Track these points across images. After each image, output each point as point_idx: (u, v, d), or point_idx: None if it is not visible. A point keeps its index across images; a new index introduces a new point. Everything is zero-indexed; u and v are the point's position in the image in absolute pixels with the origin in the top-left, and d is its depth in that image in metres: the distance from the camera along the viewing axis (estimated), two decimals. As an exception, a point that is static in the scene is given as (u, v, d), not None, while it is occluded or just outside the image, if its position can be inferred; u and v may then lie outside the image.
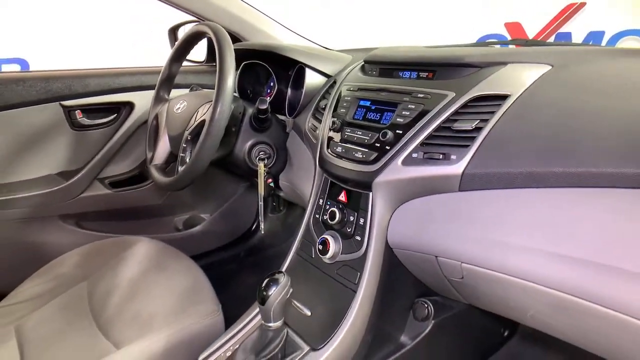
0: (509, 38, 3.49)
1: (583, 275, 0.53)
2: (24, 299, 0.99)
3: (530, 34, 3.03)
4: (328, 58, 1.04)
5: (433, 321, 0.81)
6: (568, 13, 2.95)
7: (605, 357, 0.59)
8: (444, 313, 0.83)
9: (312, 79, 0.99)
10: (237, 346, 0.75)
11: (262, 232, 1.23)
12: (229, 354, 0.76)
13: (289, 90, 1.07)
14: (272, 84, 1.15)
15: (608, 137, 0.54)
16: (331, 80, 0.97)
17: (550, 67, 0.67)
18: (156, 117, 1.05)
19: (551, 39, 2.88)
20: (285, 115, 1.05)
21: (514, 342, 1.06)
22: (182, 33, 1.28)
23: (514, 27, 3.47)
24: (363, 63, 0.91)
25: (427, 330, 0.81)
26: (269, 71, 1.13)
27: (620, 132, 0.53)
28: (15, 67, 3.18)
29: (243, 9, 1.27)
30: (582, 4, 2.95)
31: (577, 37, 2.81)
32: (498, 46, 0.92)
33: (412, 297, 0.83)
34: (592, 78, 0.64)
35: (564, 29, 2.94)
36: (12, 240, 1.16)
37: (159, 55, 1.26)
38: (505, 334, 1.01)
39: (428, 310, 0.81)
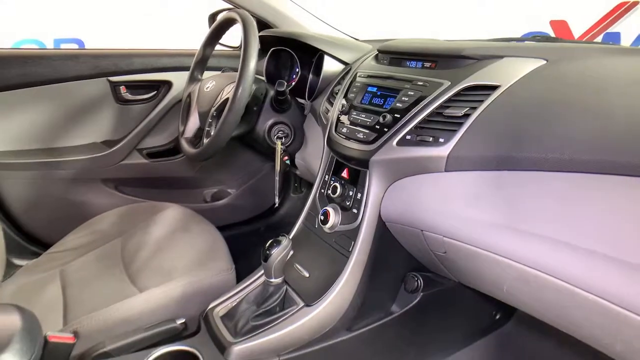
0: (554, 36, 3.40)
1: (541, 250, 0.58)
2: (67, 248, 1.14)
3: (577, 32, 2.96)
4: (347, 47, 1.11)
5: (422, 293, 0.88)
6: (619, 12, 2.85)
7: (566, 330, 0.65)
8: (433, 287, 0.90)
9: (330, 66, 1.07)
10: (242, 298, 0.86)
11: (277, 205, 1.33)
12: (234, 304, 0.86)
13: (310, 76, 1.15)
14: (296, 69, 1.23)
15: (578, 127, 0.58)
16: (347, 68, 1.05)
17: (544, 62, 0.72)
18: (189, 95, 1.16)
19: (598, 39, 2.80)
20: (305, 99, 1.14)
21: (508, 327, 1.11)
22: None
23: (560, 25, 3.38)
24: (377, 52, 0.98)
25: (415, 302, 0.88)
26: (294, 57, 1.21)
27: (589, 123, 0.58)
28: (73, 47, 3.43)
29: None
30: (635, 3, 2.84)
31: (627, 38, 2.72)
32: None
33: (404, 271, 0.90)
34: (579, 73, 0.69)
35: (612, 28, 2.84)
36: (60, 198, 1.31)
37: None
38: (497, 316, 1.06)
39: (418, 283, 0.88)
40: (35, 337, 0.62)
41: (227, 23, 1.08)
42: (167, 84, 1.36)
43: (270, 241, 0.81)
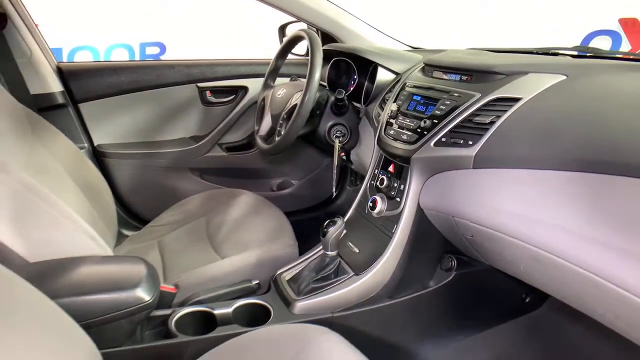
0: (623, 34, 3.31)
1: (551, 235, 0.72)
2: (163, 224, 1.40)
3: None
4: (399, 58, 1.27)
5: (455, 272, 1.03)
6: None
7: (569, 303, 0.78)
8: (466, 268, 1.04)
9: (383, 75, 1.24)
10: (304, 266, 1.06)
11: (334, 195, 1.51)
12: (297, 271, 1.06)
13: (366, 83, 1.32)
14: (354, 77, 1.40)
15: (584, 132, 0.71)
16: (398, 77, 1.21)
17: (565, 77, 0.84)
18: (263, 99, 1.38)
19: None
20: (360, 103, 1.31)
21: (540, 312, 1.22)
22: (288, 30, 1.60)
23: (629, 23, 3.28)
24: (423, 65, 1.13)
25: (449, 279, 1.03)
26: (353, 67, 1.39)
27: (592, 129, 0.71)
28: (155, 49, 3.83)
29: (337, 13, 1.52)
30: None
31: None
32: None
33: (440, 252, 1.05)
34: (594, 88, 0.80)
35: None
36: (157, 182, 1.59)
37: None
38: (527, 300, 1.17)
39: (452, 263, 1.04)
40: (156, 281, 0.86)
41: (296, 39, 1.28)
42: (244, 89, 1.59)
43: (327, 221, 1.00)
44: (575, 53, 1.10)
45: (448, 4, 3.24)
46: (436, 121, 0.93)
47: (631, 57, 1.04)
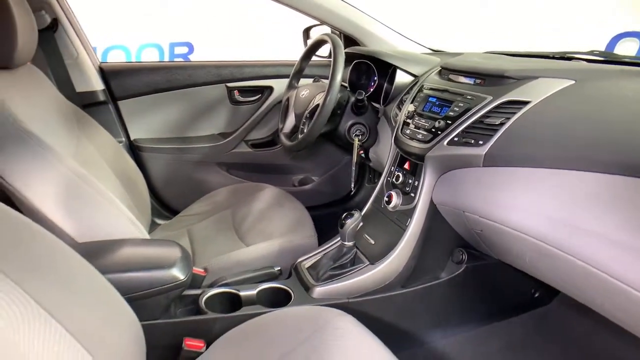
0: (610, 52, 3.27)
1: (552, 228, 0.78)
2: (192, 214, 1.51)
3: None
4: (417, 61, 1.33)
5: (465, 265, 1.09)
6: None
7: (568, 293, 0.83)
8: (476, 262, 1.10)
9: (401, 78, 1.30)
10: (323, 255, 1.14)
11: (353, 192, 1.59)
12: (317, 259, 1.14)
13: (386, 85, 1.39)
14: (374, 78, 1.47)
15: (587, 133, 0.76)
16: (416, 80, 1.27)
17: (573, 82, 0.89)
18: (288, 99, 1.46)
19: None
20: (380, 104, 1.38)
21: (550, 307, 1.27)
22: (313, 33, 1.68)
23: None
24: (440, 68, 1.19)
25: (459, 271, 1.09)
26: (373, 69, 1.46)
27: (595, 131, 0.76)
28: (184, 49, 3.97)
29: (359, 17, 1.59)
30: None
31: None
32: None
33: (452, 246, 1.11)
34: (600, 93, 0.85)
35: None
36: (187, 175, 1.70)
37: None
38: (537, 295, 1.22)
39: (463, 256, 1.10)
40: (189, 263, 0.95)
41: (319, 43, 1.36)
42: (269, 89, 1.68)
43: (345, 213, 1.07)
44: (591, 57, 1.15)
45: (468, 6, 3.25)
46: (450, 122, 0.99)
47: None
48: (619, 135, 0.73)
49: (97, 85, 1.53)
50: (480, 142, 0.91)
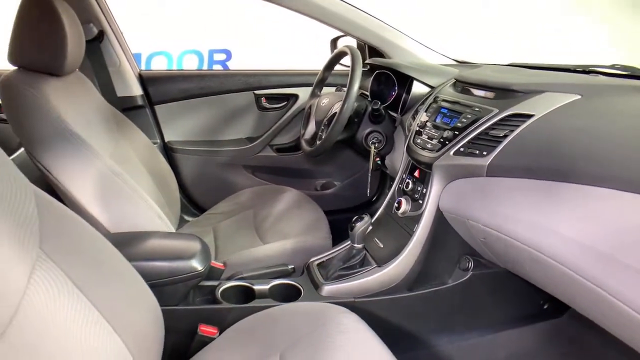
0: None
1: (545, 238, 0.80)
2: (218, 212, 1.60)
3: None
4: (434, 73, 1.37)
5: (472, 272, 1.12)
6: None
7: (560, 298, 0.85)
8: (483, 270, 1.13)
9: (418, 88, 1.35)
10: (334, 256, 1.20)
11: (372, 197, 1.64)
12: (327, 259, 1.20)
13: (404, 95, 1.43)
14: (395, 88, 1.52)
15: (584, 147, 0.79)
16: (432, 91, 1.32)
17: (579, 97, 0.92)
18: (310, 107, 1.54)
19: None
20: (397, 113, 1.43)
21: (561, 321, 1.27)
22: (340, 42, 1.75)
23: None
24: (454, 80, 1.23)
25: (465, 278, 1.13)
26: (393, 79, 1.51)
27: (592, 145, 0.78)
28: (222, 56, 4.14)
29: (383, 28, 1.64)
30: None
31: None
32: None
33: (459, 253, 1.14)
34: (603, 108, 0.87)
35: None
36: (215, 176, 1.80)
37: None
38: (546, 307, 1.22)
39: (469, 263, 1.13)
40: (208, 256, 1.03)
41: (341, 54, 1.43)
42: (295, 97, 1.77)
43: (355, 217, 1.13)
44: (611, 71, 1.16)
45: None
46: (457, 132, 1.03)
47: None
48: (615, 149, 0.75)
49: (136, 90, 1.66)
50: (484, 153, 0.94)
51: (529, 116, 0.92)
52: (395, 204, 1.16)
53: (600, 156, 0.76)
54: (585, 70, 1.18)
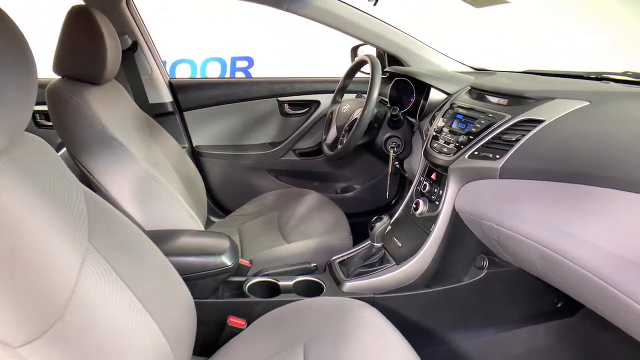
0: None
1: (554, 237, 0.85)
2: (243, 214, 1.68)
3: None
4: (451, 80, 1.43)
5: (487, 270, 1.17)
6: None
7: (571, 295, 0.89)
8: (498, 268, 1.17)
9: (435, 95, 1.41)
10: (354, 254, 1.26)
11: (391, 200, 1.69)
12: (348, 257, 1.26)
13: (422, 101, 1.49)
14: (413, 95, 1.58)
15: (591, 151, 0.83)
16: (448, 97, 1.37)
17: (588, 103, 0.96)
18: (331, 113, 1.61)
19: None
20: (415, 119, 1.49)
21: (574, 319, 1.30)
22: (360, 51, 1.81)
23: None
24: (470, 87, 1.28)
25: (481, 276, 1.17)
26: (411, 86, 1.57)
27: (598, 149, 0.83)
28: (244, 63, 4.25)
29: (402, 37, 1.70)
30: None
31: None
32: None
33: (474, 252, 1.19)
34: (611, 114, 0.92)
35: None
36: (241, 179, 1.89)
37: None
38: (559, 305, 1.26)
39: (484, 262, 1.17)
40: (236, 252, 1.11)
41: (361, 63, 1.50)
42: (316, 103, 1.84)
43: (375, 217, 1.19)
44: (623, 78, 1.19)
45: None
46: (472, 137, 1.08)
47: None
48: (619, 153, 0.79)
49: (167, 97, 1.76)
50: (497, 156, 0.99)
51: (540, 121, 0.97)
52: (413, 205, 1.22)
53: (605, 159, 0.80)
54: (598, 77, 1.22)
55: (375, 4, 1.31)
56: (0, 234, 0.55)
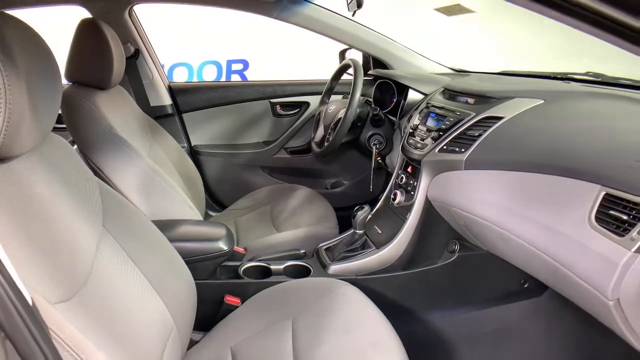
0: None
1: (508, 217, 0.97)
2: (238, 208, 1.80)
3: None
4: (428, 81, 1.56)
5: (458, 254, 1.29)
6: None
7: (521, 267, 1.02)
8: (468, 251, 1.30)
9: (413, 95, 1.54)
10: (339, 241, 1.38)
11: (372, 190, 1.81)
12: (333, 244, 1.39)
13: (402, 101, 1.62)
14: (395, 95, 1.71)
15: (539, 143, 0.96)
16: (425, 97, 1.50)
17: (542, 102, 1.09)
18: (319, 113, 1.74)
19: None
20: (396, 117, 1.62)
21: (542, 298, 1.42)
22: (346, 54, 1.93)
23: None
24: (443, 88, 1.41)
25: (452, 259, 1.30)
26: (393, 88, 1.70)
27: (545, 141, 0.95)
28: (239, 66, 4.37)
29: (385, 42, 1.83)
30: None
31: None
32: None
33: (447, 237, 1.32)
34: (560, 111, 1.04)
35: None
36: (236, 176, 2.01)
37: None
38: (526, 285, 1.38)
39: (456, 247, 1.30)
40: (232, 239, 1.23)
41: (345, 67, 1.63)
42: (306, 104, 1.97)
43: (357, 207, 1.32)
44: (586, 78, 1.33)
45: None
46: (442, 133, 1.21)
47: (636, 85, 1.22)
48: (563, 145, 0.92)
49: (167, 100, 1.88)
50: (463, 150, 1.12)
51: (500, 118, 1.10)
52: (392, 196, 1.34)
53: (551, 150, 0.93)
54: (563, 77, 1.35)
55: (353, 15, 1.43)
56: (36, 217, 0.67)
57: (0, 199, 0.61)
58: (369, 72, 1.81)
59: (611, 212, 0.73)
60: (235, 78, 4.21)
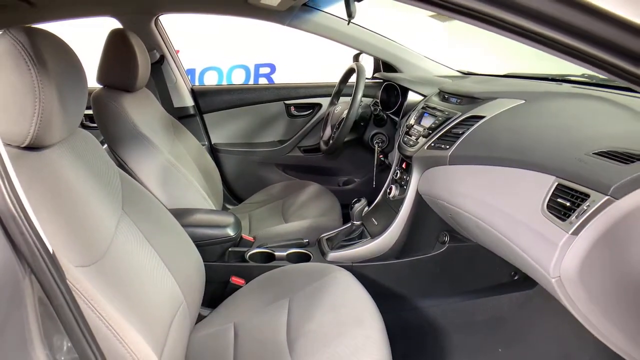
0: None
1: (482, 209, 1.05)
2: (253, 202, 1.94)
3: None
4: (428, 84, 1.65)
5: (448, 245, 1.38)
6: None
7: (497, 253, 1.10)
8: (458, 243, 1.38)
9: (413, 97, 1.63)
10: (339, 232, 1.49)
11: (374, 186, 1.90)
12: (334, 235, 1.50)
13: (405, 102, 1.71)
14: (399, 97, 1.80)
15: (511, 140, 1.04)
16: (423, 99, 1.59)
17: (523, 102, 1.17)
18: (328, 114, 1.85)
19: None
20: (399, 117, 1.71)
21: (534, 291, 1.48)
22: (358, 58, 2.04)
23: None
24: (439, 90, 1.50)
25: (443, 249, 1.38)
26: (397, 89, 1.79)
27: (519, 140, 1.03)
28: (267, 69, 4.54)
29: (394, 46, 1.93)
30: None
31: None
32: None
33: (437, 229, 1.40)
34: (538, 110, 1.12)
35: None
36: (252, 172, 2.16)
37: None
38: (516, 277, 1.44)
39: (446, 238, 1.38)
40: (239, 226, 1.37)
41: (352, 71, 1.74)
42: (318, 105, 2.09)
43: (354, 200, 1.42)
44: (580, 79, 1.38)
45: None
46: (431, 131, 1.30)
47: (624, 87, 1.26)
48: (528, 141, 1.00)
49: (189, 102, 2.05)
50: (447, 147, 1.21)
51: (481, 117, 1.18)
52: (388, 190, 1.44)
53: (518, 146, 1.01)
54: (560, 79, 1.41)
55: (348, 24, 1.53)
56: (62, 195, 0.82)
57: (34, 179, 0.76)
58: (374, 75, 1.91)
59: (559, 199, 0.81)
60: (263, 81, 4.38)
